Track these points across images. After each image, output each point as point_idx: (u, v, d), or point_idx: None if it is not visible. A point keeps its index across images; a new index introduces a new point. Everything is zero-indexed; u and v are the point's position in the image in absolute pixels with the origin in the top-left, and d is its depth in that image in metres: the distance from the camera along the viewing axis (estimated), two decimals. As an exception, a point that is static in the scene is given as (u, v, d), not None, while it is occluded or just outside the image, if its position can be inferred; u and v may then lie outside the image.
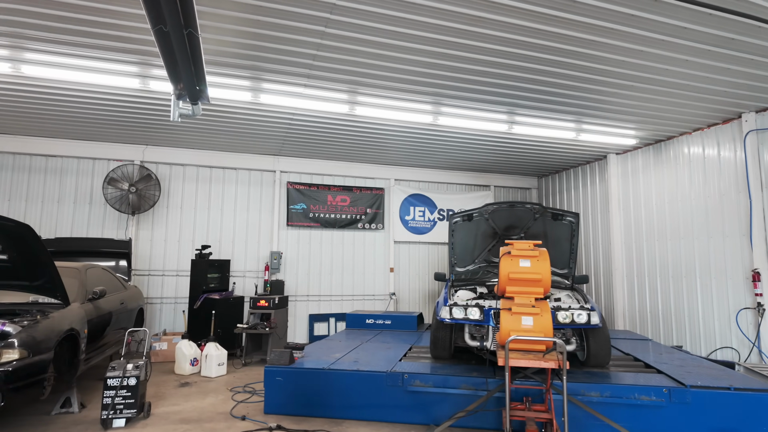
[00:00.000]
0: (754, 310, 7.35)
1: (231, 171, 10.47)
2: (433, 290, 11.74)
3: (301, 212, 10.79)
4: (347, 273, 11.10)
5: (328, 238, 11.04)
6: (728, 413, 4.56)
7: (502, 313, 4.55)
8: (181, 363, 7.53)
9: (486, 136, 8.94)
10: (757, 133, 7.48)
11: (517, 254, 4.66)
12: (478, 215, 5.99)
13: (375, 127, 8.36)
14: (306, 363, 5.76)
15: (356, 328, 8.81)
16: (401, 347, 6.84)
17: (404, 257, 11.57)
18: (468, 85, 6.45)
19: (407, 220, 11.53)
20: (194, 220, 10.09)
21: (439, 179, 11.90)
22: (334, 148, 9.95)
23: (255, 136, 9.04)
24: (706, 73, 6.14)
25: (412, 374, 5.25)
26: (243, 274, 10.27)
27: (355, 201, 11.19)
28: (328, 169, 11.00)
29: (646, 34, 5.19)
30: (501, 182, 12.49)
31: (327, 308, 10.87)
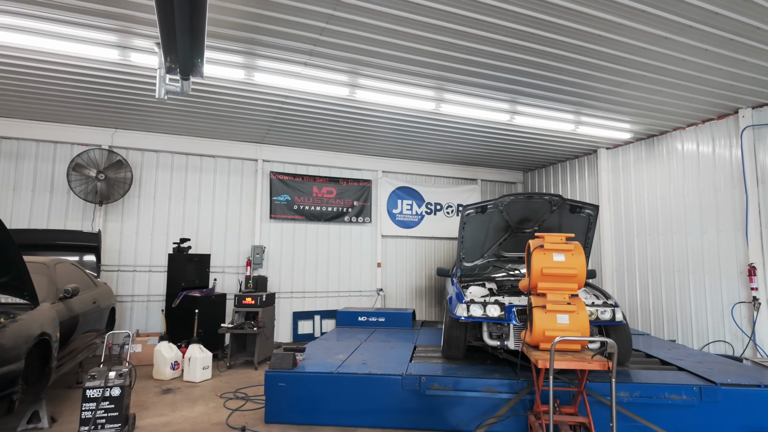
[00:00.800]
0: (749, 304, 7.42)
1: (209, 159, 9.74)
2: (421, 286, 11.42)
3: (284, 204, 10.19)
4: (333, 268, 10.60)
5: (313, 232, 10.50)
6: (759, 411, 4.45)
7: (536, 311, 4.24)
8: (160, 367, 6.85)
9: (476, 128, 8.67)
10: (753, 128, 7.54)
11: (550, 248, 4.36)
12: (493, 207, 5.67)
13: (368, 114, 7.89)
14: (310, 366, 5.27)
15: (348, 326, 8.36)
16: (404, 346, 6.46)
17: (391, 252, 11.19)
18: (471, 68, 6.10)
19: (395, 213, 11.13)
20: (169, 211, 9.31)
21: (427, 172, 11.57)
22: (322, 137, 9.41)
23: (239, 121, 8.38)
24: (705, 69, 6.14)
25: (430, 377, 4.87)
26: (222, 269, 9.59)
27: (342, 193, 10.69)
28: (313, 159, 10.44)
29: (651, 30, 5.21)
30: (488, 176, 12.30)
31: (312, 305, 10.34)
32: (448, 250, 11.81)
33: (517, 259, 6.38)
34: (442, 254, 11.74)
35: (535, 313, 4.25)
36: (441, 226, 11.53)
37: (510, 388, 4.77)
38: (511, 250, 6.30)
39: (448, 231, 11.61)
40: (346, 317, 8.47)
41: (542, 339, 4.22)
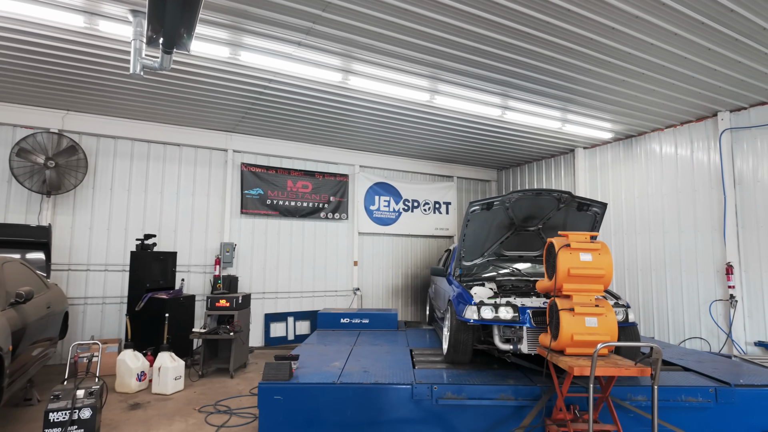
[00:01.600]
0: (726, 302, 7.64)
1: (174, 148, 8.91)
2: (397, 285, 11.09)
3: (257, 198, 9.52)
4: (308, 267, 10.04)
5: (287, 228, 9.89)
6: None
7: (563, 314, 3.99)
8: (124, 378, 6.10)
9: (457, 123, 8.45)
10: (731, 131, 7.76)
11: (577, 247, 4.13)
12: (500, 203, 5.41)
13: (353, 104, 7.42)
14: (307, 376, 4.78)
15: (329, 329, 7.87)
16: (400, 350, 6.08)
17: (368, 250, 10.77)
18: (466, 56, 5.79)
19: (372, 210, 10.72)
20: (128, 204, 8.42)
21: (405, 167, 11.24)
22: (299, 128, 8.84)
23: (212, 106, 7.67)
24: (686, 73, 6.24)
25: (443, 385, 4.53)
26: (188, 268, 8.80)
27: (318, 188, 10.15)
28: (288, 151, 9.82)
29: (639, 36, 5.27)
30: (464, 173, 12.15)
31: (285, 306, 9.74)
32: (425, 248, 11.55)
33: (517, 258, 6.17)
34: (419, 252, 11.47)
35: (562, 316, 4.01)
36: (418, 224, 11.25)
37: (526, 394, 4.51)
38: (513, 248, 6.08)
39: (426, 228, 11.35)
40: (328, 319, 7.97)
41: (570, 343, 3.99)
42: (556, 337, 4.10)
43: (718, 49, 5.56)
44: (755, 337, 7.34)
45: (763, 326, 7.27)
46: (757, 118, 7.48)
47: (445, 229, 11.60)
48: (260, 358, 8.26)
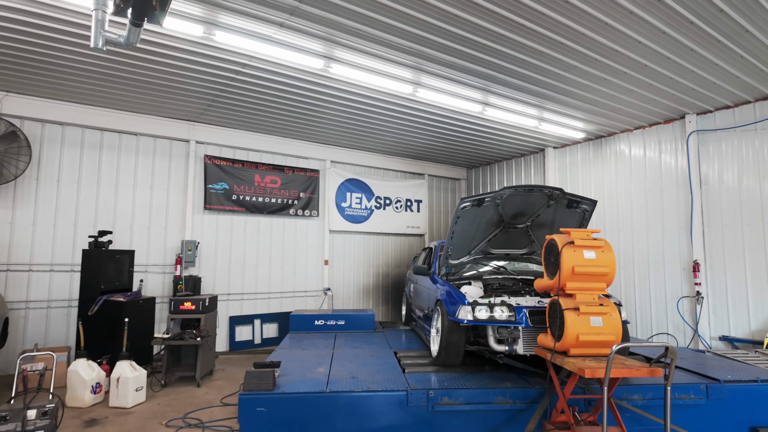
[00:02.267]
0: (692, 298, 7.88)
1: (130, 137, 8.18)
2: (368, 284, 10.78)
3: (222, 193, 8.94)
4: (276, 267, 9.55)
5: (254, 226, 9.36)
6: (758, 406, 4.51)
7: (568, 313, 3.85)
8: (77, 391, 5.46)
9: (431, 119, 8.26)
10: (697, 134, 8.02)
11: (581, 244, 4.00)
12: (490, 200, 5.24)
13: (330, 94, 7.03)
14: (291, 384, 4.40)
15: (303, 332, 7.46)
16: (383, 353, 5.80)
17: (339, 248, 10.40)
18: (452, 47, 5.62)
19: (344, 207, 10.37)
20: (77, 198, 7.64)
21: (377, 164, 10.96)
22: (269, 119, 8.35)
23: (175, 92, 7.07)
24: (667, 73, 6.32)
25: (439, 390, 4.28)
26: (145, 268, 8.11)
27: (287, 183, 9.68)
28: (256, 144, 9.29)
29: (629, 33, 5.28)
30: (434, 171, 12.02)
31: (251, 308, 9.21)
32: (396, 246, 11.32)
33: (504, 256, 6.04)
34: (390, 251, 11.22)
35: (567, 315, 3.86)
36: (390, 222, 11.00)
37: (524, 397, 4.35)
38: (499, 246, 5.94)
39: (397, 227, 11.12)
40: (301, 321, 7.56)
41: (575, 344, 3.85)
42: (559, 338, 3.95)
43: (699, 50, 5.65)
44: (719, 332, 7.62)
45: (727, 321, 7.55)
46: (722, 122, 7.76)
47: (416, 227, 11.42)
48: (226, 364, 7.73)
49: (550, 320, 4.18)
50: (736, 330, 7.43)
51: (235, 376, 6.99)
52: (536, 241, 5.86)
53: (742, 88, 6.85)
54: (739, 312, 7.42)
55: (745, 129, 7.49)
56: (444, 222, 12.35)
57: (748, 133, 7.46)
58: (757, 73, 6.34)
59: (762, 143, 7.30)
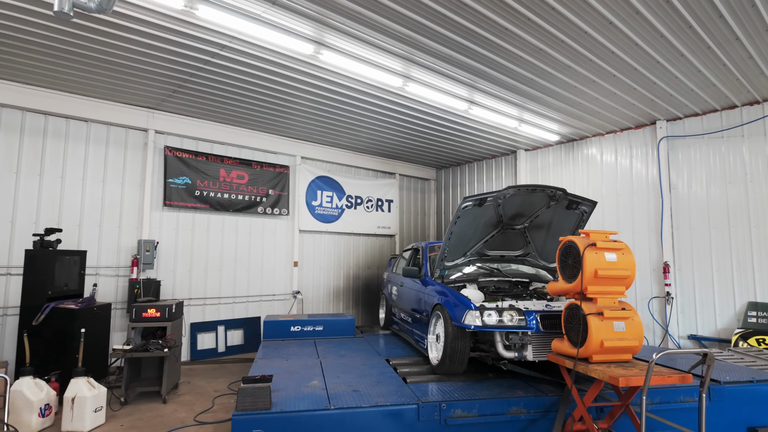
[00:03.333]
0: (662, 299, 8.13)
1: (80, 123, 7.28)
2: (338, 287, 10.34)
3: (183, 189, 8.19)
4: (242, 269, 8.90)
5: (218, 224, 8.67)
6: (755, 406, 4.58)
7: (592, 318, 3.69)
8: (22, 414, 4.67)
9: (409, 114, 7.94)
10: (667, 139, 8.29)
11: (603, 246, 3.86)
12: (492, 200, 5.03)
13: (314, 83, 6.55)
14: (289, 402, 3.96)
15: (277, 339, 6.94)
16: (375, 362, 5.44)
17: (309, 249, 9.89)
18: (445, 36, 5.29)
19: (314, 205, 9.87)
20: (16, 191, 6.67)
21: (349, 162, 10.54)
22: (237, 109, 7.73)
23: (135, 75, 6.34)
24: (651, 77, 6.40)
25: (452, 402, 4.00)
26: (96, 271, 7.25)
27: (255, 179, 9.05)
28: (222, 136, 8.60)
29: (630, 34, 5.27)
30: (405, 171, 11.78)
31: (214, 314, 8.52)
32: (367, 247, 10.95)
33: (499, 258, 5.86)
34: (361, 252, 10.83)
35: (591, 321, 3.70)
36: (361, 221, 10.62)
37: (538, 406, 4.16)
38: (495, 248, 5.75)
39: (368, 227, 10.76)
40: (275, 327, 7.03)
41: (599, 350, 3.69)
42: (580, 344, 3.78)
43: (689, 55, 5.73)
44: (687, 331, 7.89)
45: (694, 321, 7.83)
46: (691, 128, 8.05)
47: (387, 227, 11.11)
48: (190, 376, 7.04)
49: (567, 325, 4.01)
50: (703, 329, 7.72)
51: (204, 389, 6.36)
52: (532, 243, 5.73)
53: (714, 96, 7.10)
54: (706, 311, 7.72)
55: (713, 136, 7.80)
56: (414, 223, 12.14)
57: (715, 141, 7.78)
58: (732, 83, 6.57)
59: (728, 150, 7.63)
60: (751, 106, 7.41)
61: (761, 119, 7.31)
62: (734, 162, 7.56)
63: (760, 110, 7.33)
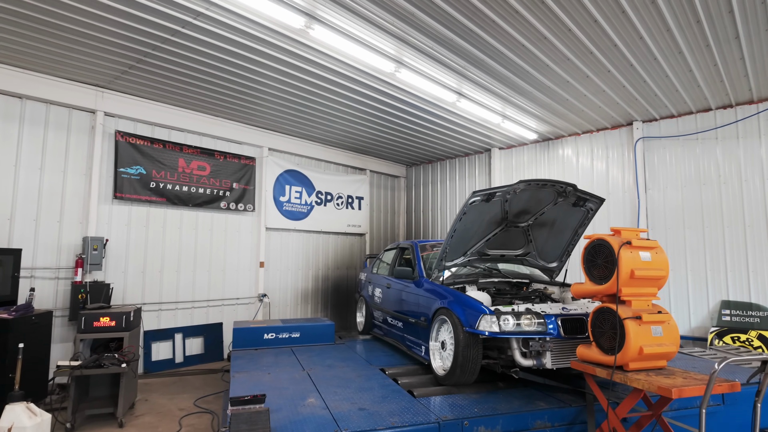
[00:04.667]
0: (638, 298, 8.16)
1: (12, 100, 6.22)
2: (306, 289, 9.67)
3: (137, 179, 7.25)
4: (202, 270, 8.05)
5: (176, 220, 7.78)
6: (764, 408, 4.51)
7: (630, 323, 3.38)
8: (-63, 455, 3.74)
9: (384, 108, 7.55)
10: (643, 140, 8.37)
11: (638, 245, 3.57)
12: (501, 195, 4.67)
13: (293, 62, 5.92)
14: (291, 427, 3.37)
15: (250, 348, 6.23)
16: (370, 373, 4.92)
17: (276, 248, 9.16)
18: (446, 11, 4.95)
19: (282, 201, 9.15)
20: (-72, 176, 5.55)
21: (319, 155, 9.90)
22: (201, 93, 6.94)
23: (85, 47, 5.46)
24: (631, 79, 6.42)
25: (474, 419, 3.57)
26: (31, 272, 6.21)
27: (218, 171, 8.22)
28: (181, 122, 7.72)
29: (611, 35, 5.22)
30: (376, 167, 11.29)
31: (171, 321, 7.63)
32: (336, 246, 10.36)
33: (500, 258, 5.52)
34: (330, 251, 10.22)
35: (629, 326, 3.39)
36: (331, 219, 10.02)
37: (562, 418, 3.83)
38: (496, 247, 5.40)
39: (338, 225, 10.18)
40: (246, 335, 6.31)
41: (637, 357, 3.40)
42: (614, 351, 3.47)
43: (660, 59, 5.72)
44: (662, 330, 7.97)
45: (669, 320, 7.91)
46: (666, 130, 8.17)
47: (357, 226, 10.58)
48: (146, 392, 6.18)
49: (596, 330, 3.70)
50: (679, 327, 7.81)
51: (165, 407, 5.55)
52: (533, 242, 5.44)
53: (695, 97, 7.17)
54: (680, 310, 7.82)
55: (688, 138, 7.93)
56: (384, 221, 11.68)
57: (690, 142, 7.92)
58: (716, 84, 6.64)
59: (702, 152, 7.78)
60: (725, 110, 7.58)
61: (734, 123, 7.51)
62: (708, 164, 7.72)
63: (733, 114, 7.52)
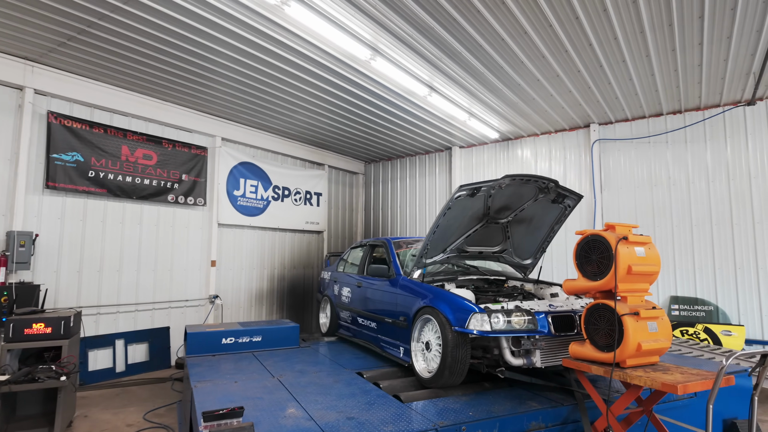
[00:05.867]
0: (593, 295, 8.43)
1: None
2: (261, 289, 9.12)
3: (73, 167, 6.44)
4: (146, 269, 7.32)
5: (118, 213, 7.02)
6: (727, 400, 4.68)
7: (629, 319, 3.33)
8: None
9: (348, 100, 7.26)
10: (600, 142, 8.66)
11: (634, 240, 3.54)
12: (486, 190, 4.52)
13: (254, 41, 5.47)
14: (275, 441, 3.00)
15: (207, 354, 5.68)
16: (345, 377, 4.61)
17: (229, 246, 8.55)
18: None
19: (236, 196, 8.56)
20: None
21: (276, 148, 9.38)
22: (147, 72, 6.29)
23: (13, 13, 4.70)
24: (597, 81, 6.59)
25: (471, 424, 3.37)
26: (-60, 272, 5.30)
27: (166, 161, 7.52)
28: (125, 105, 6.97)
29: (589, 33, 5.31)
30: (335, 162, 10.92)
31: (111, 326, 6.87)
32: (292, 244, 9.87)
33: (477, 255, 5.39)
34: (287, 249, 9.73)
35: (627, 322, 3.34)
36: (289, 215, 9.53)
37: (555, 418, 3.74)
38: (474, 243, 5.27)
39: (296, 222, 9.71)
40: (203, 341, 5.74)
41: (635, 353, 3.35)
42: (612, 348, 3.42)
43: (629, 61, 5.90)
44: (615, 325, 8.27)
45: (622, 315, 8.23)
46: (621, 133, 8.49)
47: (315, 223, 10.15)
48: (84, 407, 5.47)
49: (590, 327, 3.63)
50: (631, 323, 8.14)
51: (110, 423, 4.91)
52: (510, 239, 5.36)
53: (650, 102, 7.48)
54: (632, 306, 8.15)
55: (641, 141, 8.29)
56: (342, 218, 11.32)
57: (643, 145, 8.28)
58: (672, 90, 6.95)
59: (654, 155, 8.15)
60: (674, 115, 7.99)
61: (682, 129, 7.92)
62: (659, 166, 8.09)
63: (682, 120, 7.93)
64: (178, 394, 5.95)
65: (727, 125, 7.53)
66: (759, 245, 7.17)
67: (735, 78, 6.48)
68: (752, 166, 7.31)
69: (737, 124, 7.46)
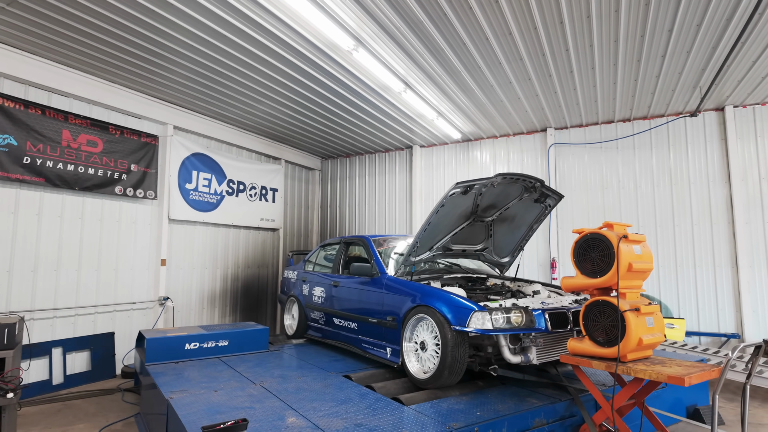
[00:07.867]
0: (549, 292, 8.79)
1: None
2: (214, 290, 8.54)
3: (5, 152, 5.62)
4: (88, 269, 6.57)
5: (57, 206, 6.24)
6: (694, 389, 5.02)
7: (630, 315, 3.42)
8: None
9: (315, 90, 6.91)
10: (555, 146, 9.04)
11: (633, 239, 3.64)
12: (478, 187, 4.48)
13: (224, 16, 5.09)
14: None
15: (170, 361, 5.18)
16: (335, 382, 4.38)
17: (180, 243, 7.90)
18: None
19: (189, 189, 7.93)
20: None
21: (232, 139, 8.81)
22: (91, 47, 5.57)
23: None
24: (564, 85, 6.84)
25: (483, 424, 3.30)
26: None
27: (113, 149, 6.80)
28: (65, 84, 6.20)
29: (543, 44, 5.58)
30: (292, 157, 10.49)
31: (48, 332, 6.09)
32: (248, 242, 9.35)
33: (461, 253, 5.36)
34: (241, 247, 9.19)
35: (629, 317, 3.44)
36: (244, 211, 9.00)
37: (554, 414, 3.78)
38: (459, 242, 5.24)
39: (251, 218, 9.21)
40: (164, 347, 5.22)
41: (635, 348, 3.46)
42: (613, 343, 3.51)
43: (597, 68, 6.18)
44: (568, 321, 8.67)
45: (574, 312, 8.65)
46: (575, 137, 8.92)
47: (271, 220, 9.69)
48: (23, 427, 4.77)
49: (589, 323, 3.71)
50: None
51: (57, 445, 4.31)
52: (492, 237, 5.40)
53: (606, 109, 7.92)
54: (584, 303, 8.59)
55: (593, 146, 8.76)
56: (298, 216, 10.91)
57: (595, 150, 8.75)
58: (628, 98, 7.39)
59: (606, 160, 8.64)
60: (624, 123, 8.52)
61: (631, 136, 8.47)
62: (609, 171, 8.59)
63: (630, 128, 8.48)
64: (134, 406, 5.37)
65: (670, 134, 8.15)
66: (696, 245, 7.83)
67: (683, 90, 7.01)
68: (691, 173, 7.96)
69: (679, 133, 8.09)
